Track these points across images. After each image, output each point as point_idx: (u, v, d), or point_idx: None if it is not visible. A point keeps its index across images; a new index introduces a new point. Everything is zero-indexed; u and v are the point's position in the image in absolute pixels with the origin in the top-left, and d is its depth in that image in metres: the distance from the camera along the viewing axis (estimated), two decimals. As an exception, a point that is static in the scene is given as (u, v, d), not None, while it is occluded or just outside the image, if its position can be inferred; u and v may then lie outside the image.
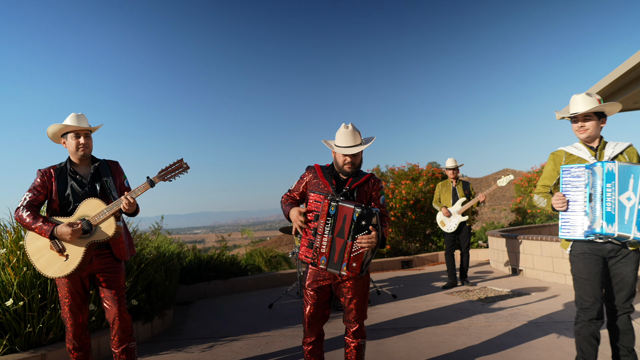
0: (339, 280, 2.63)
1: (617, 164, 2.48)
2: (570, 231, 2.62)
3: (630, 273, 2.58)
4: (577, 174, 2.62)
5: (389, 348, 3.71)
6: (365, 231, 2.43)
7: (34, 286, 3.46)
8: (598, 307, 2.58)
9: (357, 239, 2.44)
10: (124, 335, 2.85)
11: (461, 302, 5.31)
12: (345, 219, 2.47)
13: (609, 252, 2.59)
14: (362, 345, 2.76)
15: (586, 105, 2.67)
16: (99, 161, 2.96)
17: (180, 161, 2.85)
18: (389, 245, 8.81)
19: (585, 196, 2.56)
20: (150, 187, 2.78)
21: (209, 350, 3.92)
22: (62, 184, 2.82)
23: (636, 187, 2.45)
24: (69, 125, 2.78)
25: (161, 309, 4.61)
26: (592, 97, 2.68)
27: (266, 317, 5.04)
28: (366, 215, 2.42)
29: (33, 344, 3.47)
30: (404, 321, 4.54)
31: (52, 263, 2.69)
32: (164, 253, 5.01)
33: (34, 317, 3.43)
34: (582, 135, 2.72)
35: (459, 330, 4.12)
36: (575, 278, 2.67)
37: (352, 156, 2.64)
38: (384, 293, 6.02)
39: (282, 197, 2.83)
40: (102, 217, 2.71)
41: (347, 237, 2.46)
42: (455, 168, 6.36)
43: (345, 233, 2.46)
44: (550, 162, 2.86)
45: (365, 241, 2.43)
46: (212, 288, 6.65)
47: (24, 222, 2.68)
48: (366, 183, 2.72)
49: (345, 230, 2.46)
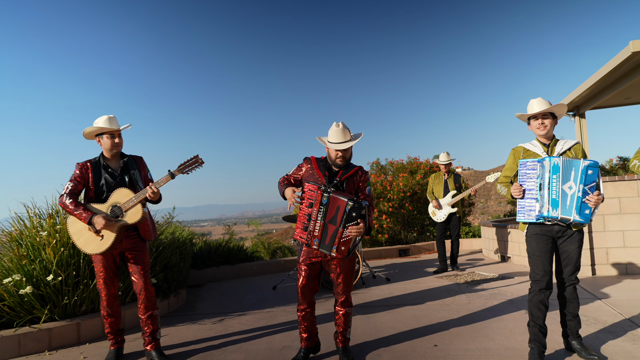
0: (328, 258, 3.13)
1: (561, 158, 2.95)
2: (525, 215, 3.10)
3: (575, 250, 3.06)
4: (531, 167, 3.08)
5: (377, 321, 4.22)
6: (355, 221, 2.93)
7: (69, 265, 4.01)
8: (547, 279, 3.06)
9: (348, 227, 2.93)
10: (149, 303, 3.38)
11: (448, 284, 5.80)
12: (338, 210, 2.94)
13: (557, 232, 3.06)
14: (348, 313, 3.26)
15: (543, 106, 3.13)
16: (127, 156, 3.47)
17: (196, 157, 3.36)
18: (387, 235, 9.30)
19: (537, 185, 3.03)
20: (171, 178, 3.30)
21: (219, 322, 4.46)
22: (97, 175, 3.34)
23: (576, 178, 2.92)
24: (105, 128, 3.29)
25: (176, 288, 5.16)
26: (545, 101, 3.14)
27: (270, 297, 5.57)
28: (357, 208, 2.90)
29: (69, 314, 4.02)
30: (393, 300, 5.05)
31: (90, 242, 3.22)
32: (178, 238, 5.55)
33: (69, 291, 3.98)
34: (542, 132, 3.17)
35: (441, 307, 4.62)
36: (529, 255, 3.15)
37: (343, 151, 3.10)
38: (379, 277, 6.52)
39: (280, 179, 3.27)
40: (131, 204, 3.23)
41: (339, 225, 2.94)
42: (448, 162, 6.82)
43: (338, 221, 2.94)
44: (511, 157, 3.33)
45: (354, 231, 2.92)
46: (220, 273, 7.20)
47: (67, 208, 3.21)
48: (355, 175, 3.19)
49: (338, 219, 2.94)
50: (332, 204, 2.94)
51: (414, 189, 9.46)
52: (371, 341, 3.62)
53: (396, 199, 9.24)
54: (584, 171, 2.93)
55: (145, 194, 3.22)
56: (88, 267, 4.09)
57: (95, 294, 4.12)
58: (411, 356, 3.23)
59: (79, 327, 3.96)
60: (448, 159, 6.80)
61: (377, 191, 9.38)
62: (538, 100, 3.16)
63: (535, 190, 3.05)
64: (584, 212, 2.91)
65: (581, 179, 2.93)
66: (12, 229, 4.30)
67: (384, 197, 9.31)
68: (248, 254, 7.98)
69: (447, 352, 3.28)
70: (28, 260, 3.94)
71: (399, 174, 9.87)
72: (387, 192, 9.27)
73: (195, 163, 3.37)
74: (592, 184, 2.92)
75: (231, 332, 4.07)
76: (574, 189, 2.92)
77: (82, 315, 4.10)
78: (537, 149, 3.20)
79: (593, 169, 2.92)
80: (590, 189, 2.91)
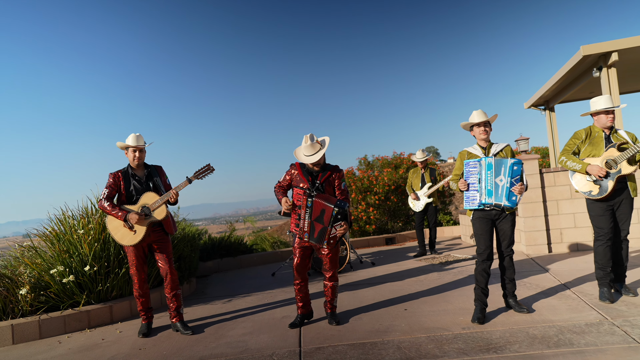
0: (318, 246, 3.94)
1: (494, 158, 3.78)
2: (470, 203, 3.92)
3: (509, 229, 3.89)
4: (472, 166, 3.91)
5: (361, 295, 5.05)
6: (340, 222, 3.76)
7: (101, 257, 4.80)
8: (488, 252, 3.89)
9: (335, 227, 3.76)
10: (174, 284, 4.18)
11: (425, 265, 6.66)
12: (324, 212, 3.74)
13: (495, 215, 3.89)
14: (335, 285, 4.08)
15: (483, 117, 3.94)
16: (150, 166, 4.26)
17: (208, 165, 4.17)
18: (375, 225, 10.15)
19: (477, 180, 3.86)
20: (189, 183, 4.09)
21: (228, 302, 5.27)
22: (127, 183, 4.12)
23: (505, 173, 3.75)
24: (129, 145, 4.07)
25: (188, 276, 5.97)
26: (484, 112, 3.96)
27: (270, 281, 6.39)
28: (341, 212, 3.74)
29: (102, 299, 4.81)
30: (376, 279, 5.89)
31: (125, 236, 4.01)
32: (188, 234, 6.34)
33: (102, 280, 4.76)
34: (484, 136, 3.98)
35: (415, 283, 5.46)
36: (475, 234, 3.98)
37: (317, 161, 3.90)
38: (365, 262, 7.37)
39: (275, 186, 4.06)
40: (157, 205, 4.03)
41: (327, 224, 3.76)
42: (424, 159, 7.65)
43: (326, 222, 3.75)
44: (458, 159, 4.15)
45: (341, 231, 3.78)
46: (224, 264, 8.00)
47: (105, 210, 3.99)
48: (331, 175, 4.00)
49: (325, 220, 3.75)
50: (316, 207, 3.75)
51: (398, 182, 10.30)
52: (355, 309, 4.46)
53: (382, 192, 10.08)
54: (510, 167, 3.76)
55: (168, 196, 4.01)
56: (117, 259, 4.88)
57: (124, 281, 4.91)
58: (385, 317, 4.07)
59: (111, 309, 4.75)
60: (423, 156, 7.63)
61: (364, 186, 10.21)
62: (479, 112, 3.97)
63: (476, 183, 3.87)
64: (512, 199, 3.75)
65: (509, 173, 3.76)
66: (50, 229, 5.08)
67: (371, 190, 10.14)
68: (248, 246, 8.79)
69: (413, 313, 4.12)
70: (67, 254, 4.72)
71: (384, 169, 10.71)
72: (374, 186, 10.11)
73: (208, 170, 4.18)
74: (517, 177, 3.75)
75: (239, 309, 4.89)
76: (503, 182, 3.76)
77: (113, 299, 4.89)
78: (477, 151, 4.02)
79: (517, 166, 3.76)
80: (515, 180, 3.74)
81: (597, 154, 4.07)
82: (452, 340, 3.31)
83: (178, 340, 3.93)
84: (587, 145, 4.15)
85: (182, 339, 3.96)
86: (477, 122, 3.94)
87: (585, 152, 4.15)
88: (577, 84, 9.53)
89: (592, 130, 4.17)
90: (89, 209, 5.28)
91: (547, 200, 6.78)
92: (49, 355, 3.82)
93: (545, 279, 5.00)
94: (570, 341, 3.10)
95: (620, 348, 2.90)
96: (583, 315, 3.65)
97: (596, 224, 4.10)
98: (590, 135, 4.16)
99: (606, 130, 4.08)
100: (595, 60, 8.28)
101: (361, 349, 3.30)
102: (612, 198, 4.01)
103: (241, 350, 3.53)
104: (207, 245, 8.03)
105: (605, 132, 4.09)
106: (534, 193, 6.76)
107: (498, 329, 3.50)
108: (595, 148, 4.10)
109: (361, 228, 10.11)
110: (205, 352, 3.55)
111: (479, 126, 3.96)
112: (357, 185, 10.15)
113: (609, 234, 4.03)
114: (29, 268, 4.72)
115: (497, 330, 3.47)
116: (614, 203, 4.04)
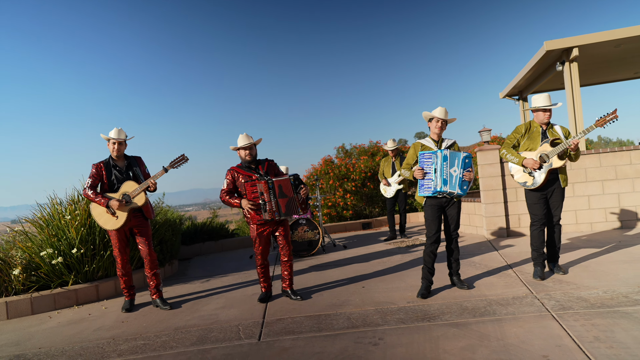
0: (275, 227, 4.40)
1: (448, 150, 4.21)
2: (425, 191, 4.37)
3: (456, 214, 4.37)
4: (428, 157, 4.33)
5: (327, 274, 5.54)
6: (300, 186, 4.33)
7: (87, 241, 5.21)
8: (437, 235, 4.35)
9: (299, 193, 4.33)
10: (153, 265, 4.62)
11: (392, 248, 7.16)
12: (282, 187, 4.24)
13: (445, 202, 4.35)
14: (292, 264, 4.56)
15: (443, 114, 4.36)
16: (130, 157, 4.65)
17: (183, 155, 4.57)
18: (352, 211, 10.64)
19: (432, 170, 4.30)
20: (165, 172, 4.49)
21: (206, 282, 5.73)
22: (109, 173, 4.52)
23: (459, 165, 4.18)
24: (111, 137, 4.45)
25: (170, 259, 6.40)
26: (447, 111, 4.37)
27: (247, 264, 6.86)
28: (296, 179, 4.34)
29: (89, 278, 5.24)
30: (344, 261, 6.38)
31: (108, 221, 4.43)
32: (170, 219, 6.76)
33: (88, 261, 5.18)
34: (439, 131, 4.40)
35: (378, 264, 5.95)
36: (425, 219, 4.44)
37: (249, 150, 4.37)
38: (338, 246, 7.86)
39: (221, 196, 4.41)
40: (136, 192, 4.43)
41: (292, 194, 4.28)
42: (395, 148, 8.10)
43: (289, 193, 4.27)
44: (412, 150, 4.57)
45: (305, 191, 4.36)
46: (206, 247, 8.45)
47: (89, 197, 4.39)
48: (270, 165, 4.54)
49: (288, 192, 4.27)
50: (277, 185, 4.23)
51: (375, 169, 10.77)
52: (318, 285, 4.95)
53: (358, 179, 10.54)
54: (463, 159, 4.22)
55: (147, 185, 4.42)
56: (102, 242, 5.30)
57: (109, 262, 5.33)
58: (344, 293, 4.56)
59: (97, 288, 5.19)
60: (394, 145, 8.07)
61: (342, 173, 10.66)
62: (442, 110, 4.39)
63: (431, 173, 4.31)
64: (463, 188, 4.21)
65: (461, 165, 4.22)
66: (39, 215, 5.47)
67: (348, 177, 10.61)
68: (229, 231, 9.23)
69: (369, 289, 4.61)
70: (56, 238, 5.12)
71: (361, 157, 11.17)
72: (351, 173, 10.57)
73: (182, 160, 4.58)
74: (468, 169, 4.21)
75: (215, 287, 5.35)
76: (457, 172, 4.20)
77: (99, 279, 5.32)
78: (430, 144, 4.46)
79: (469, 159, 4.22)
80: (467, 171, 4.20)
81: (533, 148, 4.54)
82: (395, 312, 3.81)
83: (157, 315, 4.39)
84: (526, 139, 4.62)
85: (161, 313, 4.42)
86: (438, 117, 4.35)
87: (524, 145, 4.62)
88: (545, 76, 10.01)
89: (531, 125, 4.63)
90: (75, 197, 5.67)
91: (506, 188, 7.28)
92: (41, 328, 4.25)
93: (494, 260, 5.52)
94: (494, 311, 3.61)
95: (532, 316, 3.41)
96: (514, 290, 4.16)
97: (532, 211, 4.60)
98: (529, 130, 4.62)
99: (543, 125, 4.55)
100: (559, 55, 8.75)
101: (316, 320, 3.78)
102: (545, 188, 4.50)
103: (212, 321, 4.00)
104: (190, 230, 8.46)
105: (543, 127, 4.55)
106: (494, 181, 7.26)
107: (437, 302, 4.00)
108: (532, 142, 4.56)
109: (339, 213, 10.60)
110: (181, 324, 4.01)
111: (438, 121, 4.38)
112: (335, 173, 10.60)
113: (542, 219, 4.53)
114: (21, 251, 5.12)
115: (436, 303, 3.97)
116: (547, 192, 4.53)
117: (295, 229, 6.94)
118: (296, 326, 3.67)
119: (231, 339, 3.50)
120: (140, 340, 3.67)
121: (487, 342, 3.00)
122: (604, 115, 4.29)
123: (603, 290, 3.88)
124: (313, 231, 7.02)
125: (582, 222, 7.05)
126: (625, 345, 2.74)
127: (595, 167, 6.99)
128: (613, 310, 3.35)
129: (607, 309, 3.40)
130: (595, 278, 4.28)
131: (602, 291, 3.85)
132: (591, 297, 3.73)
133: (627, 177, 6.90)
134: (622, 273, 4.35)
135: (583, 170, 7.01)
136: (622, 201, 6.94)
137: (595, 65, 10.04)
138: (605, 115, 4.28)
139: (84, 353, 3.49)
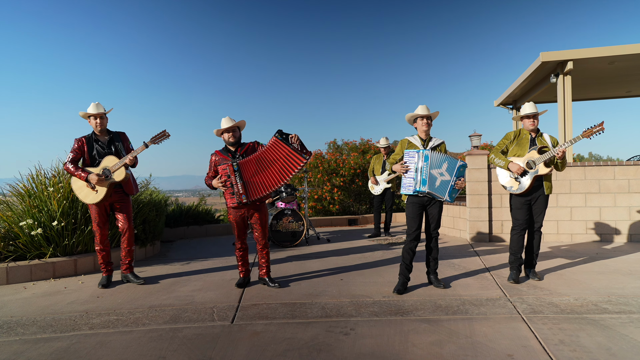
0: (251, 212, 4.39)
1: (430, 151, 4.23)
2: (406, 189, 4.40)
3: (437, 213, 4.40)
4: (412, 155, 4.37)
5: (307, 265, 5.56)
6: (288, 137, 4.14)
7: (69, 214, 5.17)
8: (417, 233, 4.39)
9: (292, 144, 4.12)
10: (130, 240, 4.63)
11: (375, 244, 7.20)
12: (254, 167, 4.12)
13: (426, 201, 4.39)
14: (268, 252, 4.57)
15: (428, 110, 4.39)
16: (113, 133, 4.62)
17: (164, 131, 4.54)
18: (338, 206, 10.67)
19: (414, 169, 4.33)
20: (145, 148, 4.47)
21: (186, 264, 5.72)
22: (91, 147, 4.49)
23: (451, 172, 4.20)
24: (89, 113, 4.43)
25: (152, 239, 6.38)
26: (428, 108, 4.40)
27: (230, 249, 6.86)
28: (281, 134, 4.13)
29: (68, 252, 5.20)
30: (326, 253, 6.41)
31: (88, 195, 4.41)
32: (155, 199, 6.73)
33: (69, 235, 5.15)
34: (426, 129, 4.43)
35: (359, 258, 5.99)
36: (407, 216, 4.47)
37: (232, 132, 4.31)
38: (322, 239, 7.89)
39: (206, 179, 4.39)
40: (116, 167, 4.41)
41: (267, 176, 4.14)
42: (387, 146, 8.12)
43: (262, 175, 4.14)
44: (399, 145, 4.61)
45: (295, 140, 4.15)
46: (190, 231, 8.43)
47: (69, 171, 4.37)
48: (252, 147, 4.42)
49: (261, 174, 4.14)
50: (243, 167, 4.15)
51: (364, 167, 10.80)
52: (297, 275, 4.97)
53: (347, 175, 10.57)
54: (459, 168, 4.26)
55: (126, 159, 4.41)
56: (84, 217, 5.26)
57: (90, 238, 5.30)
58: (322, 284, 4.58)
59: (76, 263, 5.16)
60: (387, 143, 8.10)
61: (331, 167, 10.68)
62: (424, 107, 4.42)
63: (412, 172, 4.35)
64: (452, 195, 4.25)
65: (456, 173, 4.25)
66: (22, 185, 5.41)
67: (337, 172, 10.63)
68: (215, 216, 9.21)
69: (347, 282, 4.64)
70: (37, 209, 5.08)
71: (352, 154, 11.19)
72: (340, 168, 10.59)
73: (164, 136, 4.56)
74: (461, 177, 4.25)
75: (194, 270, 5.35)
76: (445, 176, 4.23)
77: (78, 254, 5.29)
78: (417, 142, 4.48)
79: (464, 168, 4.27)
80: (459, 179, 4.24)
81: (521, 154, 4.59)
82: (369, 305, 3.84)
83: (133, 292, 4.38)
84: (515, 145, 4.67)
85: (137, 291, 4.41)
86: (422, 115, 4.38)
87: (512, 151, 4.67)
88: (539, 87, 10.09)
89: (521, 132, 4.69)
90: (60, 169, 5.62)
91: (492, 194, 7.35)
92: (14, 298, 4.23)
93: (473, 263, 5.58)
94: (466, 310, 3.65)
95: (503, 317, 3.46)
96: (489, 292, 4.21)
97: (514, 216, 4.65)
98: (518, 136, 4.68)
99: (532, 132, 4.60)
100: (554, 67, 8.83)
101: (290, 307, 3.80)
102: (529, 194, 4.56)
103: (187, 302, 4.00)
104: (176, 213, 8.43)
105: (532, 134, 4.60)
106: (480, 186, 7.33)
107: (412, 298, 4.04)
108: (521, 149, 4.62)
109: (325, 208, 10.62)
110: (156, 302, 4.01)
111: (422, 119, 4.40)
112: (325, 167, 10.61)
113: (523, 224, 4.59)
114: (0, 220, 5.07)
115: (411, 300, 4.01)
116: (531, 198, 4.58)
117: (280, 219, 6.95)
118: (270, 312, 3.69)
119: (204, 320, 3.51)
120: (114, 316, 3.66)
121: (455, 338, 3.04)
122: (591, 127, 4.35)
123: (574, 297, 3.95)
124: (297, 222, 7.03)
125: (563, 232, 7.15)
126: (588, 349, 2.80)
127: (579, 180, 7.09)
128: (581, 317, 3.41)
129: (575, 315, 3.47)
130: (568, 286, 4.35)
131: (573, 298, 3.91)
132: (562, 303, 3.79)
133: (609, 191, 7.00)
134: (595, 283, 4.43)
135: (568, 181, 7.10)
136: (603, 215, 7.04)
137: (588, 81, 10.15)
138: (592, 126, 4.35)
139: (55, 324, 3.48)
